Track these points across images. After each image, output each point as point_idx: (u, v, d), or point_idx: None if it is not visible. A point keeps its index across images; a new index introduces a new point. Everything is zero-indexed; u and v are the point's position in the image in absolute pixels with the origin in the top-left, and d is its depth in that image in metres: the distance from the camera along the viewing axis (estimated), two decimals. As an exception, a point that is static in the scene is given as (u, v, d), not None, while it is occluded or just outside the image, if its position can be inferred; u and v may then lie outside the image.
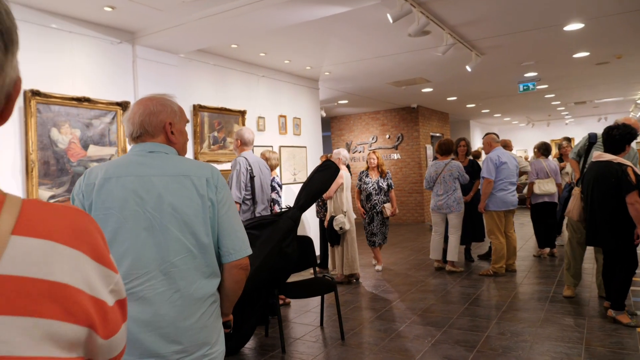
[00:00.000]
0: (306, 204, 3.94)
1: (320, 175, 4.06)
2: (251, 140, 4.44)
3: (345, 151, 5.92)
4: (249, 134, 4.43)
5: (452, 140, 6.44)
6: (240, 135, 4.42)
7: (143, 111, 1.69)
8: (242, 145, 4.43)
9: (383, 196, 6.07)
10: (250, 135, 4.43)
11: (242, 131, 4.43)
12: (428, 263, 6.77)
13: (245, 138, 4.42)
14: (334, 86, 8.48)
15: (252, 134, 4.45)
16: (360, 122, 12.61)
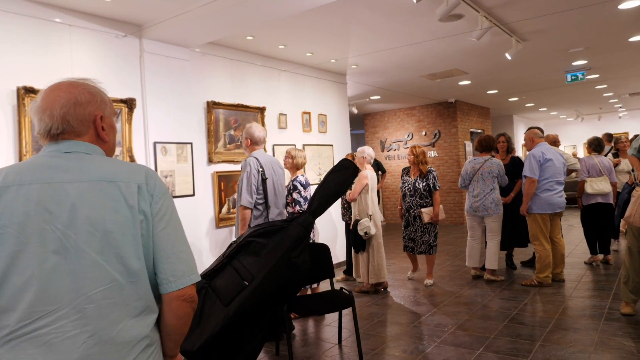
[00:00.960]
0: (320, 209, 3.52)
1: (336, 176, 3.63)
2: (262, 139, 4.07)
3: (370, 149, 5.45)
4: (260, 132, 4.05)
5: (492, 136, 5.85)
6: (249, 133, 4.06)
7: (66, 100, 1.31)
8: (252, 145, 4.07)
9: (418, 198, 5.50)
10: (261, 133, 4.05)
11: (252, 128, 4.06)
12: (465, 270, 6.20)
13: (256, 136, 4.05)
14: (363, 80, 8.02)
15: (263, 132, 4.07)
16: (394, 119, 12.06)
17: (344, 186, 3.64)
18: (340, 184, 3.62)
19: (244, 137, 4.07)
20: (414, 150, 5.55)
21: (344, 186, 3.64)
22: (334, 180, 3.62)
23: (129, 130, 4.33)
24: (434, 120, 11.42)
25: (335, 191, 3.60)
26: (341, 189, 3.63)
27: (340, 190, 3.62)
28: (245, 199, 3.80)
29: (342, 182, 3.63)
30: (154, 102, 4.55)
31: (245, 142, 4.08)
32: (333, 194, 3.59)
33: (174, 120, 4.73)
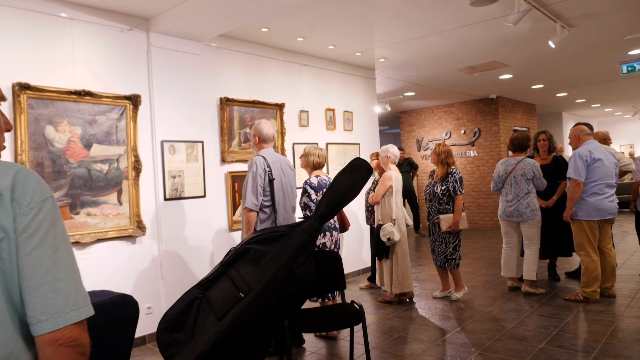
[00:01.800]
0: (326, 214, 3.16)
1: (346, 177, 3.26)
2: (271, 136, 3.75)
3: (395, 148, 5.02)
4: (269, 129, 3.74)
5: (527, 134, 5.27)
6: (258, 130, 3.75)
7: None
8: (260, 142, 3.76)
9: (437, 203, 5.03)
10: (270, 130, 3.74)
11: (261, 125, 3.75)
12: (501, 281, 5.66)
13: (265, 134, 3.74)
14: (394, 75, 7.57)
15: (272, 129, 3.76)
16: (432, 117, 11.49)
17: (355, 189, 3.27)
18: (350, 186, 3.25)
19: (252, 134, 3.76)
20: (436, 148, 5.08)
21: (355, 189, 3.27)
22: (344, 182, 3.26)
23: (133, 128, 4.12)
24: (473, 117, 10.78)
25: (345, 194, 3.23)
26: (352, 192, 3.26)
27: (351, 193, 3.25)
28: (250, 201, 3.50)
29: (352, 184, 3.26)
30: (161, 99, 4.33)
31: (253, 139, 3.78)
32: (342, 198, 3.23)
33: (183, 118, 4.50)
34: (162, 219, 4.29)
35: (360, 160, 3.36)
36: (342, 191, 3.21)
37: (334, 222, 4.07)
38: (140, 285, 4.12)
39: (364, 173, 3.32)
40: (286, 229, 3.13)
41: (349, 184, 3.23)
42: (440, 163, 4.98)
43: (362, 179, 3.30)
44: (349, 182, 3.24)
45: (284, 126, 5.47)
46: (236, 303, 2.89)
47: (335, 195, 3.20)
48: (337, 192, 3.21)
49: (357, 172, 3.30)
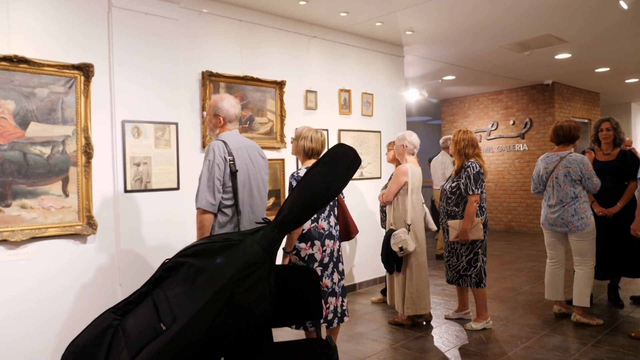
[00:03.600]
0: (291, 221, 2.31)
1: (323, 171, 2.39)
2: (236, 115, 2.90)
3: (414, 136, 4.06)
4: (232, 107, 2.88)
5: (576, 122, 4.14)
6: (221, 107, 2.89)
7: None
8: (225, 124, 2.91)
9: (445, 204, 4.05)
10: (233, 109, 2.88)
11: (223, 101, 2.89)
12: (545, 303, 4.58)
13: (231, 112, 2.88)
14: (427, 53, 6.52)
15: (236, 106, 2.90)
16: (477, 105, 10.28)
17: (335, 187, 2.39)
18: (327, 183, 2.37)
19: (212, 112, 2.91)
20: (455, 135, 4.07)
21: (334, 187, 2.39)
22: (319, 177, 2.38)
23: (85, 104, 3.40)
24: (525, 106, 9.49)
25: (319, 195, 2.35)
26: (330, 192, 2.38)
27: (328, 193, 2.38)
28: (204, 199, 2.67)
29: (330, 180, 2.38)
30: (124, 72, 3.60)
31: (215, 120, 2.89)
32: (315, 200, 2.36)
33: (153, 95, 3.75)
34: (121, 215, 3.57)
35: (343, 147, 2.46)
36: (315, 190, 2.34)
37: (328, 227, 3.19)
38: (90, 293, 3.42)
39: (349, 165, 2.43)
40: (237, 237, 2.30)
41: (325, 180, 2.35)
42: (458, 154, 3.99)
43: (346, 173, 2.42)
44: (326, 177, 2.36)
45: (283, 108, 4.62)
46: (154, 337, 2.10)
47: (305, 196, 2.33)
48: (308, 192, 2.34)
49: (338, 163, 2.42)
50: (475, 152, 4.03)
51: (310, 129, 3.23)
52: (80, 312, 3.35)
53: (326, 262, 3.17)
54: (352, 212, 5.30)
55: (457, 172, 4.00)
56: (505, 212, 9.81)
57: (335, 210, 3.28)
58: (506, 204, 9.77)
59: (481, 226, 3.86)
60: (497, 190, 9.89)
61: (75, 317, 3.34)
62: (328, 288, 3.17)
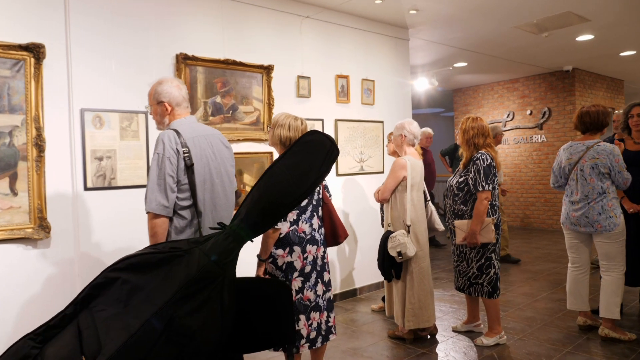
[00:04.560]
0: (249, 225, 1.87)
1: (291, 164, 1.93)
2: (183, 97, 2.43)
3: (415, 125, 3.57)
4: (176, 88, 2.41)
5: (606, 108, 3.59)
6: (164, 92, 2.39)
7: None
8: (173, 110, 2.42)
9: (452, 201, 3.55)
10: (178, 90, 2.40)
11: (161, 85, 2.40)
12: (566, 313, 4.06)
13: (176, 95, 2.39)
14: (436, 37, 5.99)
15: (181, 87, 2.43)
16: (491, 95, 9.68)
17: (305, 183, 1.93)
18: (296, 179, 1.92)
19: (154, 101, 2.42)
20: (463, 123, 3.58)
21: (304, 183, 1.92)
22: (286, 171, 1.92)
23: (36, 90, 2.99)
24: (542, 95, 8.87)
25: (286, 193, 1.89)
26: (299, 189, 1.91)
27: (297, 190, 1.91)
28: (155, 201, 2.22)
29: (300, 175, 1.92)
30: (84, 55, 3.19)
31: (160, 108, 2.40)
32: (280, 199, 1.90)
33: (117, 81, 3.33)
34: (80, 216, 3.16)
35: (317, 135, 2.00)
36: (282, 187, 1.88)
37: (311, 230, 2.73)
38: (40, 306, 3.01)
39: (324, 156, 1.97)
40: (185, 247, 1.86)
41: (294, 174, 1.90)
42: (466, 144, 3.49)
43: (320, 166, 1.95)
44: (296, 171, 1.91)
45: (271, 95, 4.16)
46: (74, 372, 1.69)
47: (268, 195, 1.88)
48: (271, 190, 1.89)
49: (311, 154, 1.97)
50: (486, 142, 3.52)
51: (289, 115, 2.76)
52: (29, 328, 2.94)
53: (308, 272, 2.71)
54: (352, 210, 4.85)
55: (465, 165, 3.50)
56: (522, 208, 9.22)
57: (319, 210, 2.81)
58: (523, 199, 9.18)
59: (492, 227, 3.35)
60: (514, 185, 9.31)
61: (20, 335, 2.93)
62: (311, 302, 2.71)
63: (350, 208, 4.83)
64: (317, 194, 2.78)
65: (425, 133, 7.23)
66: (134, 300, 1.76)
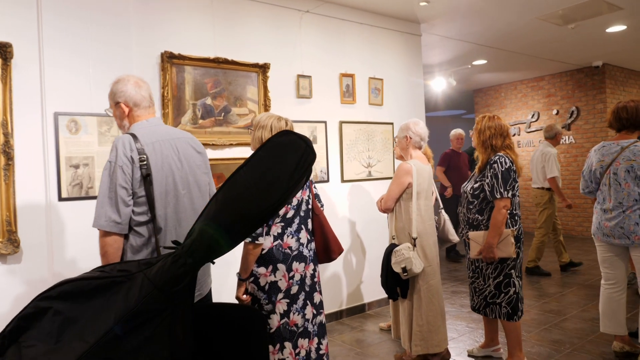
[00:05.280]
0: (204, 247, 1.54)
1: (255, 170, 1.59)
2: (144, 97, 2.13)
3: (421, 125, 3.20)
4: (135, 86, 2.11)
5: None
6: (120, 92, 2.10)
7: None
8: (131, 112, 2.12)
9: (466, 210, 3.14)
10: (137, 89, 2.10)
11: (118, 84, 2.11)
12: (600, 335, 3.60)
13: (133, 95, 2.09)
14: (450, 32, 5.60)
15: (141, 85, 2.13)
16: (514, 94, 9.18)
17: (276, 192, 1.58)
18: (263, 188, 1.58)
19: (112, 101, 2.13)
20: (478, 123, 3.17)
21: (274, 193, 1.57)
22: (247, 181, 1.58)
23: (3, 93, 2.75)
24: (570, 93, 8.34)
25: (250, 204, 1.57)
26: (265, 201, 1.57)
27: (264, 203, 1.57)
28: (103, 216, 1.93)
29: (268, 184, 1.58)
30: (58, 56, 2.95)
31: (118, 110, 2.10)
32: (242, 211, 1.57)
33: (95, 83, 3.08)
34: (54, 228, 2.91)
35: (288, 136, 1.65)
36: (243, 200, 1.55)
37: (298, 245, 2.40)
38: (9, 328, 2.75)
39: (297, 161, 1.62)
40: (134, 270, 1.57)
41: (259, 185, 1.56)
42: (482, 146, 3.09)
43: (293, 172, 1.61)
44: (261, 180, 1.57)
45: (267, 96, 3.86)
46: None
47: (227, 209, 1.55)
48: (231, 202, 1.56)
49: (281, 158, 1.63)
50: (505, 143, 3.11)
51: (271, 115, 2.44)
52: None
53: (294, 293, 2.38)
54: (358, 219, 4.49)
55: (481, 170, 3.11)
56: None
57: (308, 223, 2.48)
58: (550, 204, 8.62)
59: (512, 240, 2.94)
60: (540, 190, 8.76)
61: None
62: (298, 327, 2.38)
63: (357, 217, 4.48)
64: (305, 204, 2.45)
65: (455, 134, 6.82)
66: (66, 336, 1.47)
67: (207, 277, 2.20)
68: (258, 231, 2.25)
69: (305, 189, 2.45)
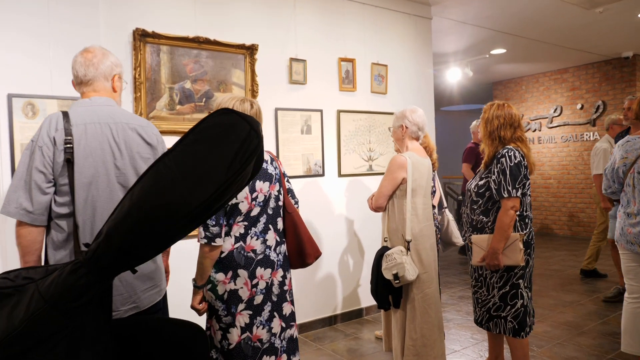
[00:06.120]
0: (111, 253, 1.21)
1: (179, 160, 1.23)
2: (86, 74, 1.83)
3: (419, 113, 2.82)
4: (82, 62, 1.84)
5: None
6: (72, 66, 1.85)
7: None
8: (76, 88, 1.88)
9: (470, 210, 2.74)
10: (83, 65, 1.83)
11: (74, 57, 1.86)
12: (620, 354, 3.19)
13: (75, 70, 1.85)
14: (465, 16, 5.17)
15: (91, 61, 1.85)
16: (535, 87, 8.67)
17: (207, 187, 1.21)
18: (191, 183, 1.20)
19: None
20: (485, 111, 2.78)
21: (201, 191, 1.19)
22: (171, 172, 1.21)
23: (-51, 71, 2.49)
24: (596, 86, 7.79)
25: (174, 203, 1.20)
26: (192, 199, 1.19)
27: (193, 201, 1.19)
28: (14, 202, 1.64)
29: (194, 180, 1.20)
30: (15, 37, 2.67)
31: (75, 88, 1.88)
32: (162, 212, 1.21)
33: (56, 63, 2.79)
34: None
35: (225, 117, 1.28)
36: (164, 195, 1.20)
37: (264, 248, 2.07)
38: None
39: (236, 148, 1.26)
40: (35, 278, 1.26)
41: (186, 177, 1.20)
42: (489, 137, 2.70)
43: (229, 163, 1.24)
44: (190, 172, 1.21)
45: (255, 81, 3.53)
46: None
47: (143, 205, 1.20)
48: (149, 199, 1.21)
49: (214, 145, 1.27)
50: (516, 134, 2.72)
51: (234, 96, 2.10)
52: None
53: (258, 303, 2.05)
54: (357, 216, 4.13)
55: (487, 165, 2.72)
56: (569, 215, 8.17)
57: (278, 222, 2.14)
58: (571, 204, 8.12)
59: (520, 245, 2.55)
60: (561, 189, 8.26)
61: None
62: (262, 342, 2.05)
63: (355, 214, 4.12)
64: (274, 200, 2.11)
65: (477, 125, 6.36)
66: None
67: (150, 287, 1.88)
68: (215, 231, 1.93)
69: (274, 182, 2.11)
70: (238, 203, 1.99)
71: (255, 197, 2.03)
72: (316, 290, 3.91)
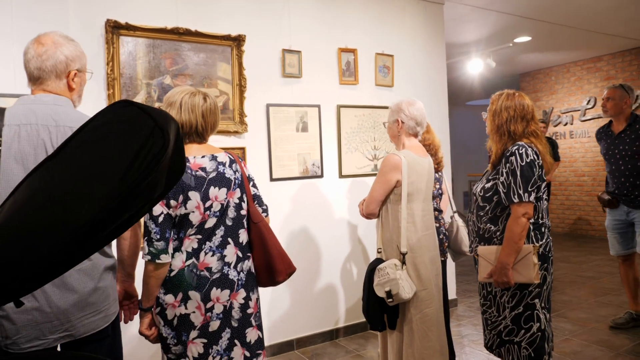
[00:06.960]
0: None
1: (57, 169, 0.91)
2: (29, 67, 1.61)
3: (417, 106, 2.46)
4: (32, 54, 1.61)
5: None
6: None
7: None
8: None
9: (476, 217, 2.34)
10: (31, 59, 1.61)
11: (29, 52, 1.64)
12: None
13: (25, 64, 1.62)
14: (484, 1, 4.74)
15: (39, 55, 1.61)
16: (567, 78, 8.08)
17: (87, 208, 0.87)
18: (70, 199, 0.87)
19: None
20: (493, 102, 2.39)
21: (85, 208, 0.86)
22: (48, 184, 0.89)
23: None
24: (634, 75, 7.17)
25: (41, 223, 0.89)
26: (72, 219, 0.86)
27: (70, 221, 0.85)
28: None
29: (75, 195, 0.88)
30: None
31: None
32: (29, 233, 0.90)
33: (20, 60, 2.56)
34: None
35: (122, 113, 0.97)
36: (36, 212, 0.89)
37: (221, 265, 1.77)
38: None
39: (134, 152, 0.93)
40: None
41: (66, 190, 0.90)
42: (496, 132, 2.31)
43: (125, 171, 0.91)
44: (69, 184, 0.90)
45: (243, 75, 3.23)
46: None
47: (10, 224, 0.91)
48: (17, 216, 0.91)
49: (105, 150, 0.95)
50: (530, 129, 2.32)
51: (184, 89, 1.81)
52: None
53: (214, 330, 1.75)
54: (360, 220, 3.78)
55: (495, 165, 2.34)
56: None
57: (239, 235, 1.83)
58: (608, 204, 7.50)
59: (535, 260, 2.16)
60: (596, 186, 7.66)
61: None
62: (220, 375, 1.75)
63: (359, 218, 3.78)
64: (234, 209, 1.81)
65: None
66: None
67: (91, 314, 1.59)
68: (159, 246, 1.65)
69: (233, 188, 1.80)
70: (188, 213, 1.70)
71: (209, 206, 1.73)
72: (315, 301, 3.60)
